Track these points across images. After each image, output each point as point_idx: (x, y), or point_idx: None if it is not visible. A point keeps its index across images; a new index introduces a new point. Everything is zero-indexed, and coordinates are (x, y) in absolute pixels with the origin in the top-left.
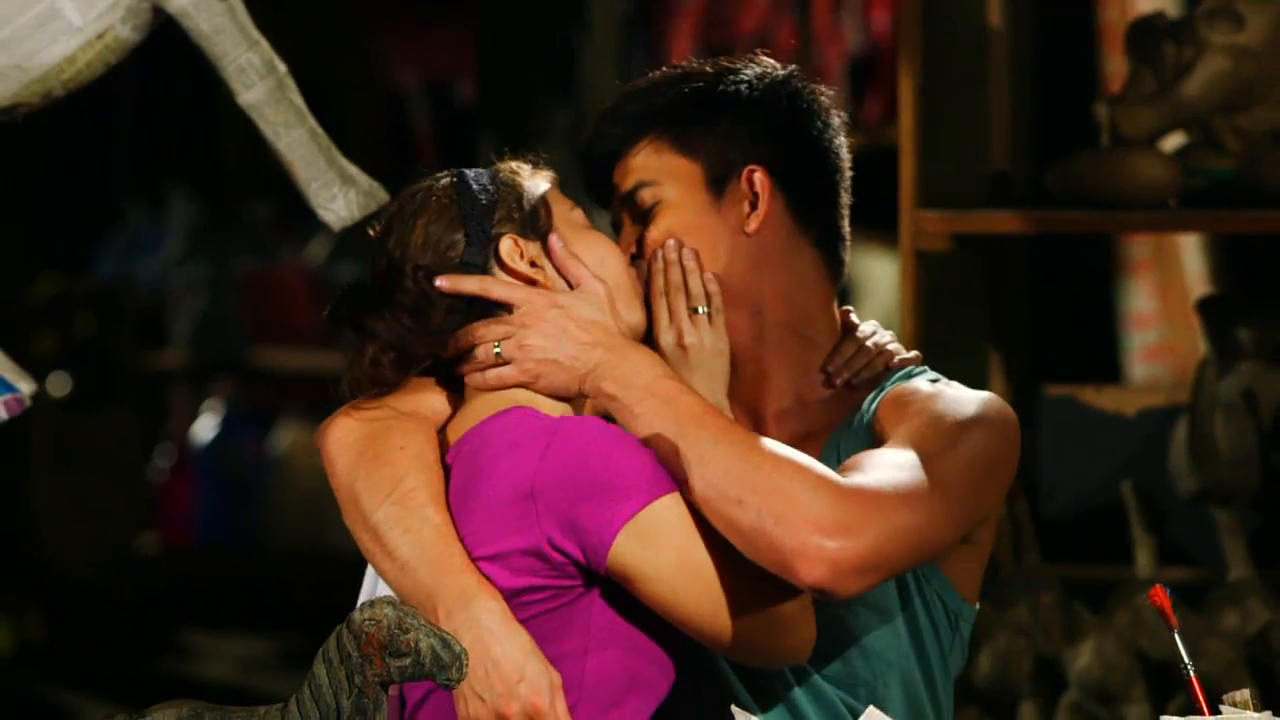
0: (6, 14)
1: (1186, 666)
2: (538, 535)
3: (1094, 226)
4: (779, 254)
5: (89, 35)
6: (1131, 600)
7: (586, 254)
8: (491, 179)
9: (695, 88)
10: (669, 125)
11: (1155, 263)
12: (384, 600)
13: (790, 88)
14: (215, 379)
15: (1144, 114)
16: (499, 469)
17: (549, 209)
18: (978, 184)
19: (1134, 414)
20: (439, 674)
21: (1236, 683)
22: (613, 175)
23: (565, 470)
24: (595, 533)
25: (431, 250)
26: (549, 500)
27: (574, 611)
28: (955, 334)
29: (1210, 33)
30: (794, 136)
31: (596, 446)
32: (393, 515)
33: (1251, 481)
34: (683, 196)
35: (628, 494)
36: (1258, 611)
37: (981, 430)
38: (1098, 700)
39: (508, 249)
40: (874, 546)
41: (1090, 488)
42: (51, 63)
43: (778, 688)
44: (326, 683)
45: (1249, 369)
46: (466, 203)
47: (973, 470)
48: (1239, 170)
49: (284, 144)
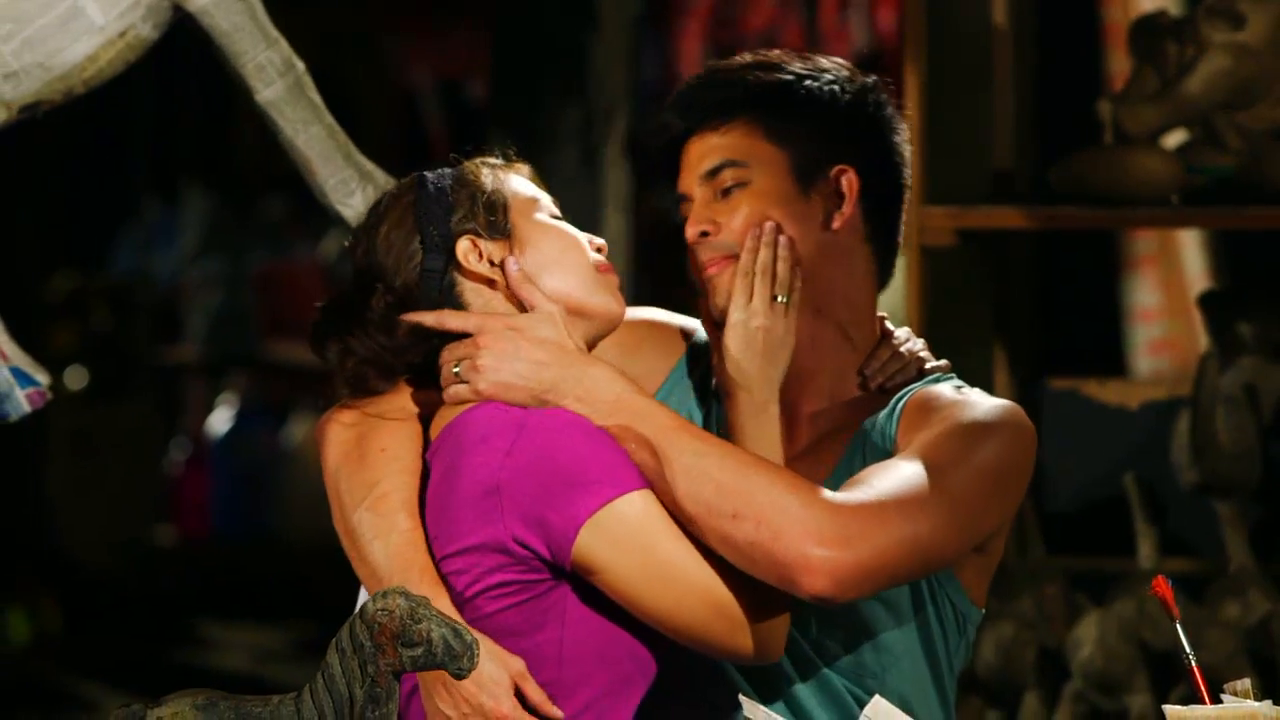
0: (30, 13)
1: (1188, 656)
2: (502, 531)
3: (1097, 223)
4: (846, 255)
5: (111, 34)
6: (1134, 591)
7: (548, 247)
8: (452, 179)
9: (789, 80)
10: (763, 111)
11: (1159, 258)
12: (397, 591)
13: (877, 96)
14: (230, 373)
15: (1147, 111)
16: (467, 465)
17: (507, 205)
18: (983, 181)
19: (1136, 407)
20: (451, 663)
21: (1237, 673)
22: (684, 149)
23: (530, 465)
24: (559, 527)
25: (394, 260)
26: (513, 496)
27: (548, 602)
28: (961, 328)
29: (1212, 31)
30: (877, 144)
31: (562, 440)
32: (366, 520)
33: (1252, 474)
34: (770, 183)
35: (592, 489)
36: (1258, 602)
37: (995, 442)
38: (1100, 690)
39: (464, 250)
40: (873, 556)
41: (1093, 480)
42: (74, 61)
43: (779, 676)
44: (340, 672)
45: (1250, 363)
46: (422, 208)
47: (983, 482)
48: (1240, 167)
49: (302, 141)
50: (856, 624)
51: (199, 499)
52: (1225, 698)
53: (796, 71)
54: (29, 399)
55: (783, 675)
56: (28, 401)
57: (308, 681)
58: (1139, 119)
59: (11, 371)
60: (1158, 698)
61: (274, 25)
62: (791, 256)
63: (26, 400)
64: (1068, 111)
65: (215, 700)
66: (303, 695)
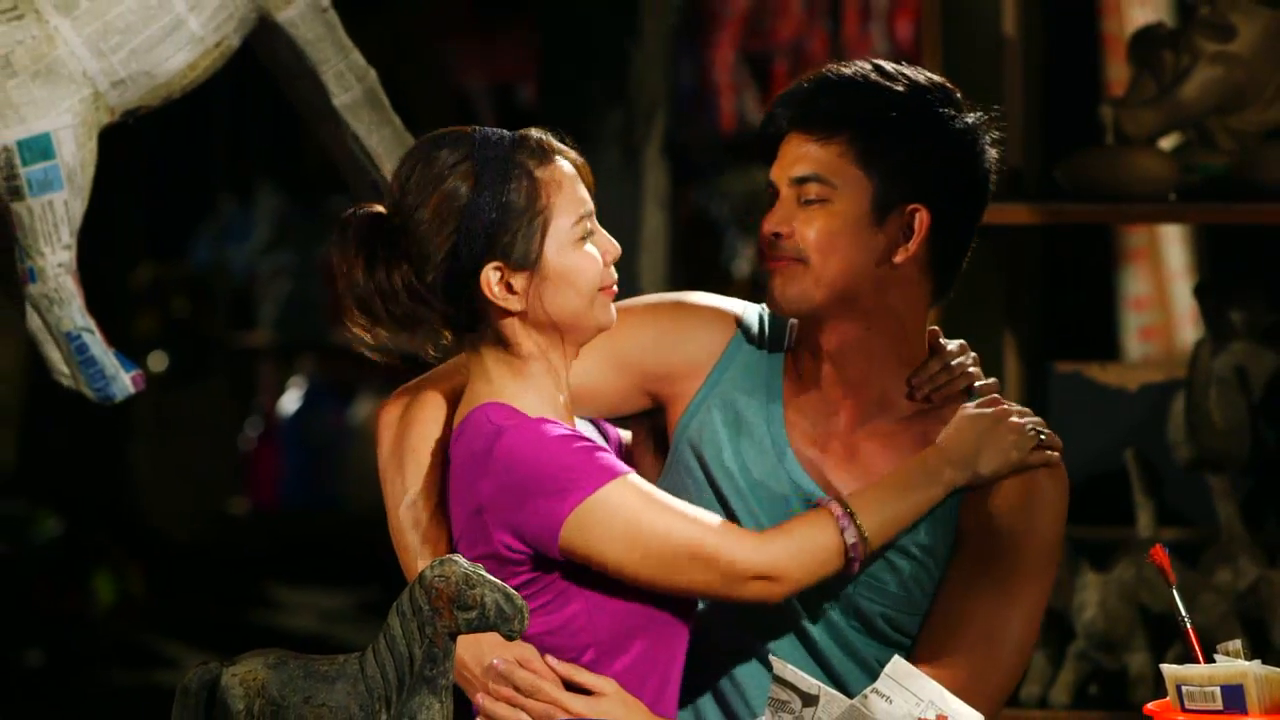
0: (136, 25)
1: (1183, 618)
2: (494, 544)
3: (1100, 218)
4: (905, 284)
5: (208, 44)
6: (1134, 558)
7: (565, 278)
8: (504, 193)
9: (896, 111)
10: (861, 136)
11: (1150, 252)
12: (453, 558)
13: (975, 135)
14: (299, 356)
15: (1145, 115)
16: (457, 485)
17: (545, 234)
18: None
19: (1135, 389)
20: (502, 625)
21: (1229, 633)
22: (782, 143)
23: (503, 482)
24: (538, 533)
25: (425, 255)
26: (494, 513)
27: (564, 583)
28: (974, 316)
29: (1205, 42)
30: (961, 188)
31: (529, 454)
32: (405, 520)
33: (1242, 450)
34: (849, 208)
35: (563, 493)
36: (1248, 568)
37: (1048, 577)
38: (1103, 649)
39: (488, 280)
40: None
41: (1096, 456)
42: (175, 69)
43: (805, 635)
44: (400, 633)
45: (1240, 348)
46: (468, 216)
47: (1038, 615)
48: (1232, 166)
49: (374, 140)
50: (884, 585)
51: (271, 472)
52: (1218, 657)
53: (901, 100)
54: (133, 381)
55: (809, 634)
56: (133, 384)
57: (371, 642)
58: (1138, 122)
59: (116, 356)
60: (1155, 656)
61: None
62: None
63: (132, 383)
64: (1072, 115)
65: (285, 659)
66: (366, 654)
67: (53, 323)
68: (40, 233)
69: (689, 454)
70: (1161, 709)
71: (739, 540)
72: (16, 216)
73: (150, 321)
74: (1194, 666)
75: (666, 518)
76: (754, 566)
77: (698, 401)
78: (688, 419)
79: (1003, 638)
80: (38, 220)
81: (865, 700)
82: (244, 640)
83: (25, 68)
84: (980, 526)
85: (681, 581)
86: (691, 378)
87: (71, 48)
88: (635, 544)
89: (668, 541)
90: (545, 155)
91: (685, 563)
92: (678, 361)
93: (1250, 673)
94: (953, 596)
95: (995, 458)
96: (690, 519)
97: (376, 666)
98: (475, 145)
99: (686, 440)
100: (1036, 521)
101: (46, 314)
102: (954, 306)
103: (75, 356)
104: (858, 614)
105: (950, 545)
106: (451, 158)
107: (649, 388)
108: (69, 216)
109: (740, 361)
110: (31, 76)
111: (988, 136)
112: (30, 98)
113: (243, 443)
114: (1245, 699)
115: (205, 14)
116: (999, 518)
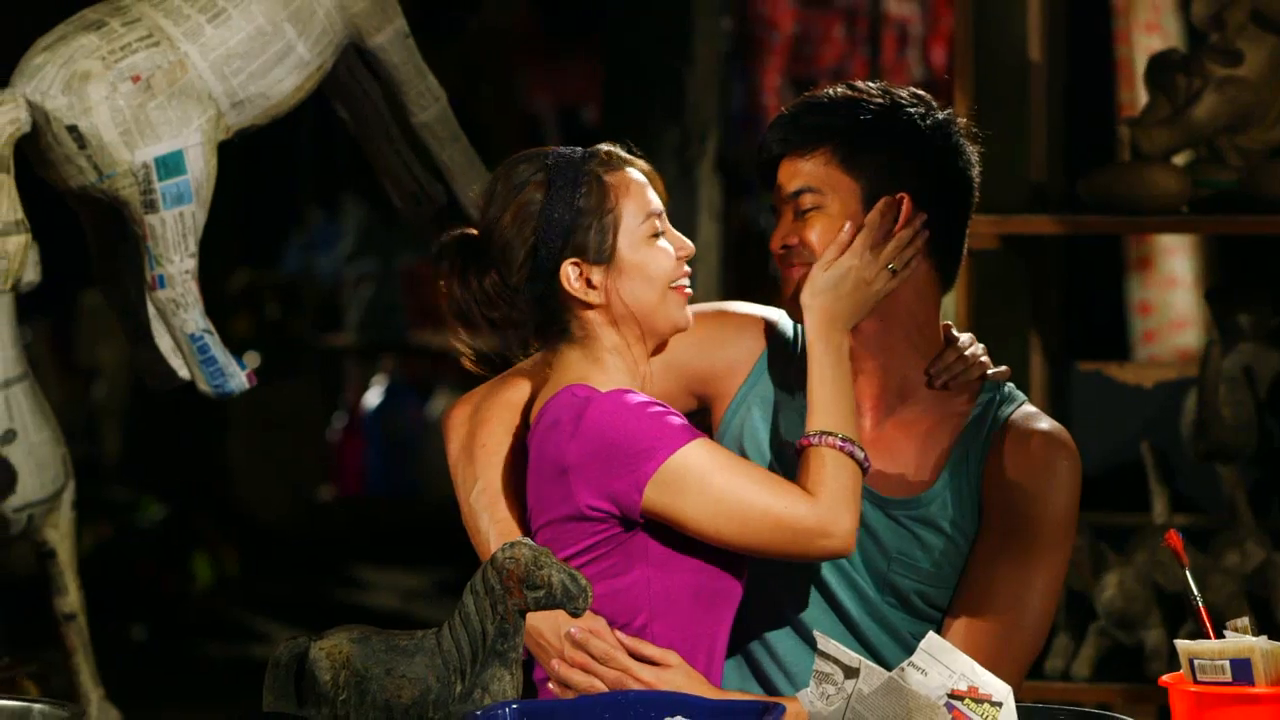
0: (254, 50)
1: (1195, 598)
2: (577, 504)
3: (1118, 229)
4: (911, 276)
5: (312, 68)
6: (1149, 542)
7: (640, 271)
8: (578, 195)
9: (870, 116)
10: (842, 144)
11: (1154, 261)
12: (522, 541)
13: (947, 129)
14: (381, 356)
15: (1160, 134)
16: (544, 447)
17: (618, 230)
18: (1021, 193)
19: (1151, 386)
20: (568, 604)
21: (1237, 612)
22: (779, 168)
23: (591, 445)
24: (625, 493)
25: (507, 258)
26: (580, 474)
27: (631, 548)
28: (1002, 319)
29: (1215, 67)
30: (942, 173)
31: (616, 420)
32: (478, 505)
33: (1250, 443)
34: (842, 209)
35: (647, 455)
36: (1255, 552)
37: (1065, 550)
38: (1121, 627)
39: (566, 275)
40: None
41: (1114, 448)
42: (286, 91)
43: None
44: (474, 610)
45: (1248, 349)
46: (544, 219)
47: (1060, 580)
48: (1240, 181)
49: (447, 155)
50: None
51: (355, 463)
52: (1227, 633)
53: (875, 108)
54: (248, 378)
55: (847, 611)
56: (248, 380)
57: (447, 618)
58: (1153, 140)
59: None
60: (1170, 633)
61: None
62: (919, 246)
63: (247, 379)
64: (1091, 134)
65: (368, 634)
66: (442, 630)
67: (178, 325)
68: (171, 242)
69: (733, 449)
70: (1175, 681)
71: (807, 504)
72: (150, 227)
73: (245, 324)
74: (1205, 642)
75: (742, 479)
76: (818, 527)
77: (739, 399)
78: (730, 415)
79: (1026, 605)
80: (170, 230)
81: (902, 673)
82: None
83: (162, 90)
84: (1002, 503)
85: (757, 541)
86: (732, 378)
87: (199, 71)
88: (713, 503)
89: (741, 501)
90: (614, 163)
91: (759, 522)
92: (720, 363)
93: (1257, 647)
94: (979, 568)
95: (860, 300)
96: (763, 482)
97: (452, 641)
98: (550, 160)
99: (730, 436)
100: (1053, 496)
101: (172, 317)
102: (985, 310)
103: (197, 356)
104: (894, 591)
105: (976, 521)
106: (528, 171)
107: (695, 389)
108: (195, 227)
109: (776, 362)
110: (168, 98)
111: (961, 133)
112: (166, 118)
113: (329, 435)
114: (1252, 671)
115: (311, 39)
116: (1019, 494)
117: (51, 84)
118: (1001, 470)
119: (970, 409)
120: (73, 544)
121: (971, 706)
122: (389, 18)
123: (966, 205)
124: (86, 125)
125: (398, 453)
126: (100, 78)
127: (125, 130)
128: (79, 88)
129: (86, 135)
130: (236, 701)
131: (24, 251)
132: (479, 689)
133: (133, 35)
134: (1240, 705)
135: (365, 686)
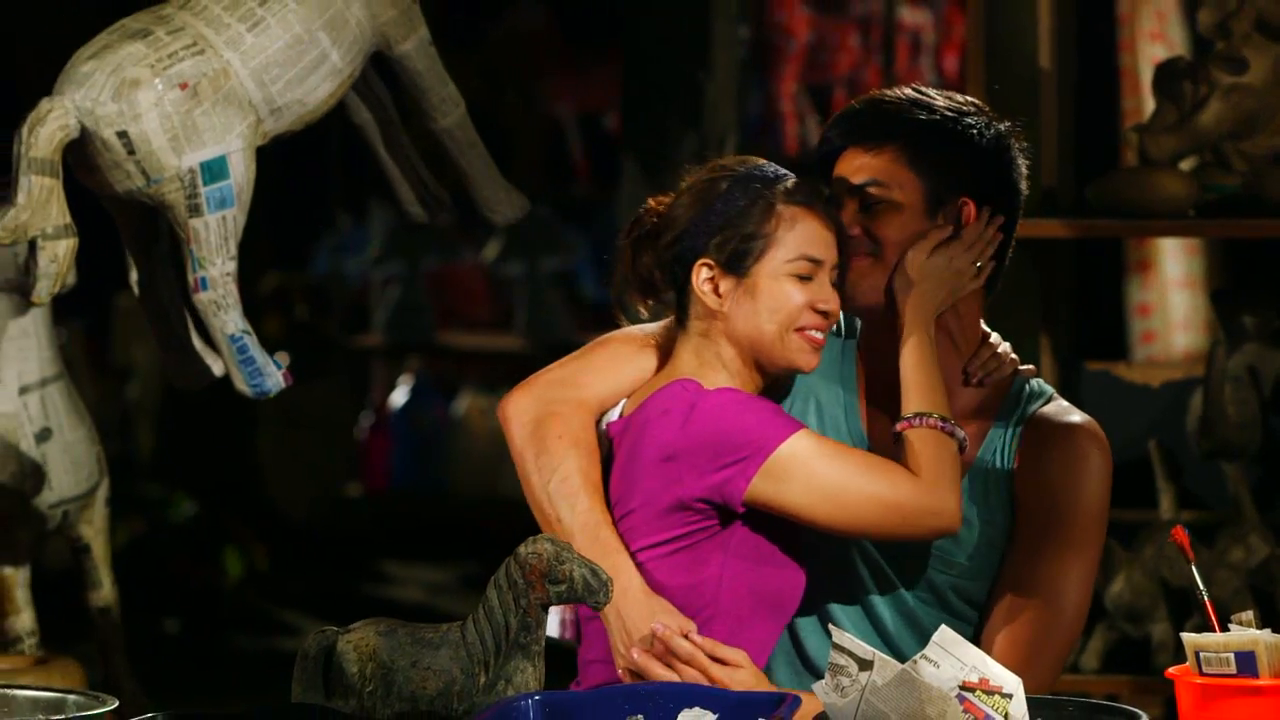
0: (291, 59)
1: (1201, 592)
2: (681, 491)
3: (1126, 233)
4: None
5: (345, 76)
6: (1157, 538)
7: (764, 301)
8: (746, 199)
9: (937, 120)
10: (910, 144)
11: (1153, 264)
12: (544, 536)
13: (1006, 141)
14: (408, 356)
15: (1167, 140)
16: (651, 433)
17: (762, 254)
18: (1032, 197)
19: (1158, 385)
20: (589, 597)
21: (1242, 606)
22: (838, 161)
23: (701, 435)
24: (731, 484)
25: (664, 226)
26: (689, 461)
27: (711, 545)
28: (1014, 320)
29: (1220, 74)
30: (1001, 182)
31: (727, 413)
32: (553, 496)
33: (1254, 441)
34: (906, 202)
35: (755, 447)
36: (1259, 547)
37: (1096, 546)
38: (1129, 620)
39: (698, 275)
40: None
41: (1122, 446)
42: (321, 98)
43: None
44: (497, 604)
45: (1252, 349)
46: (701, 216)
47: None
48: (1244, 186)
49: (466, 160)
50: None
51: (382, 460)
52: (1232, 626)
53: (944, 113)
54: (284, 376)
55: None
56: (284, 379)
57: (471, 612)
58: (1161, 146)
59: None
60: (1176, 626)
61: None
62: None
63: (284, 378)
64: (1100, 139)
65: (395, 627)
66: (467, 623)
67: (218, 326)
68: (214, 245)
69: None
70: (1181, 673)
71: (912, 484)
72: (194, 231)
73: (274, 324)
74: (1210, 635)
75: (848, 464)
76: (926, 506)
77: (787, 393)
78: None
79: (1064, 597)
80: (213, 234)
81: (915, 665)
82: (357, 610)
83: (208, 96)
84: (1036, 496)
85: (865, 524)
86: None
87: (241, 79)
88: (819, 490)
89: (848, 487)
90: (797, 197)
91: (866, 505)
92: None
93: (1261, 640)
94: (1017, 564)
95: (951, 291)
96: (868, 465)
97: (476, 634)
98: (744, 169)
99: None
100: (1088, 488)
101: (213, 319)
102: (999, 311)
103: (236, 356)
104: (930, 586)
105: (1008, 515)
106: (723, 170)
107: None
108: (236, 230)
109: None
110: (212, 105)
111: (1016, 146)
112: (211, 124)
113: (357, 433)
114: (1257, 664)
115: (343, 47)
116: (1054, 487)
117: (101, 91)
118: (1035, 464)
119: (1000, 404)
120: (106, 539)
121: (983, 698)
122: (414, 26)
123: (1016, 213)
124: (136, 131)
125: (423, 450)
126: (149, 85)
127: (173, 136)
128: (129, 94)
129: (136, 141)
130: (266, 693)
131: (72, 255)
132: (502, 680)
133: (178, 44)
134: (1245, 697)
135: (391, 678)
